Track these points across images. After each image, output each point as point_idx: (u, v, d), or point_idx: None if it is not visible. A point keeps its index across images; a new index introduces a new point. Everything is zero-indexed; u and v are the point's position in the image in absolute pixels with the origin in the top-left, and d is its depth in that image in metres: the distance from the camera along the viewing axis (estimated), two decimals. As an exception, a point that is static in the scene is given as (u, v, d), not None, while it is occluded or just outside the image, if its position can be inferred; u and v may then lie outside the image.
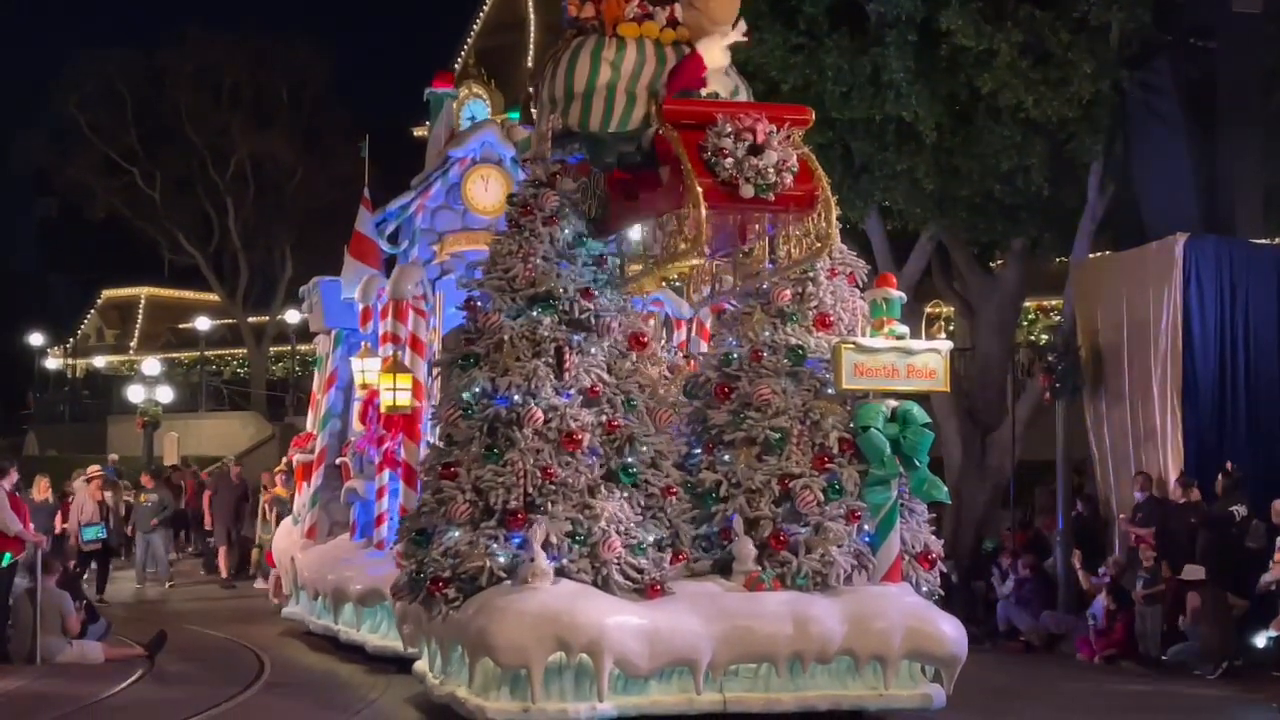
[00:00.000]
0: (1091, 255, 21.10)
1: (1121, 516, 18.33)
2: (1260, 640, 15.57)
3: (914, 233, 21.74)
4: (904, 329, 11.85)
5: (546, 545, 10.87)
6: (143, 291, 60.86)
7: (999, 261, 23.16)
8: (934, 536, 12.19)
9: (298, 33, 50.65)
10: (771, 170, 10.68)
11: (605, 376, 11.66)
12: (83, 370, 60.61)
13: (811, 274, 12.30)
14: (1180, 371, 18.05)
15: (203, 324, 50.40)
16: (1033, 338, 32.10)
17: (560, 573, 10.93)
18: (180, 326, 57.90)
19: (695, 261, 12.68)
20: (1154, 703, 14.41)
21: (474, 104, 20.51)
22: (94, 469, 24.61)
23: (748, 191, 10.70)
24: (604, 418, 11.49)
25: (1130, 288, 18.96)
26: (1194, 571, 16.17)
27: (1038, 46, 18.88)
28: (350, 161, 46.86)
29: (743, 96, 12.24)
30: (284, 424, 43.13)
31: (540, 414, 11.23)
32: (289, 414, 45.45)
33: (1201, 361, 18.14)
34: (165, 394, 40.26)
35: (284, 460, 23.42)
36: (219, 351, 56.17)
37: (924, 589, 11.92)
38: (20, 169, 56.02)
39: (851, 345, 11.70)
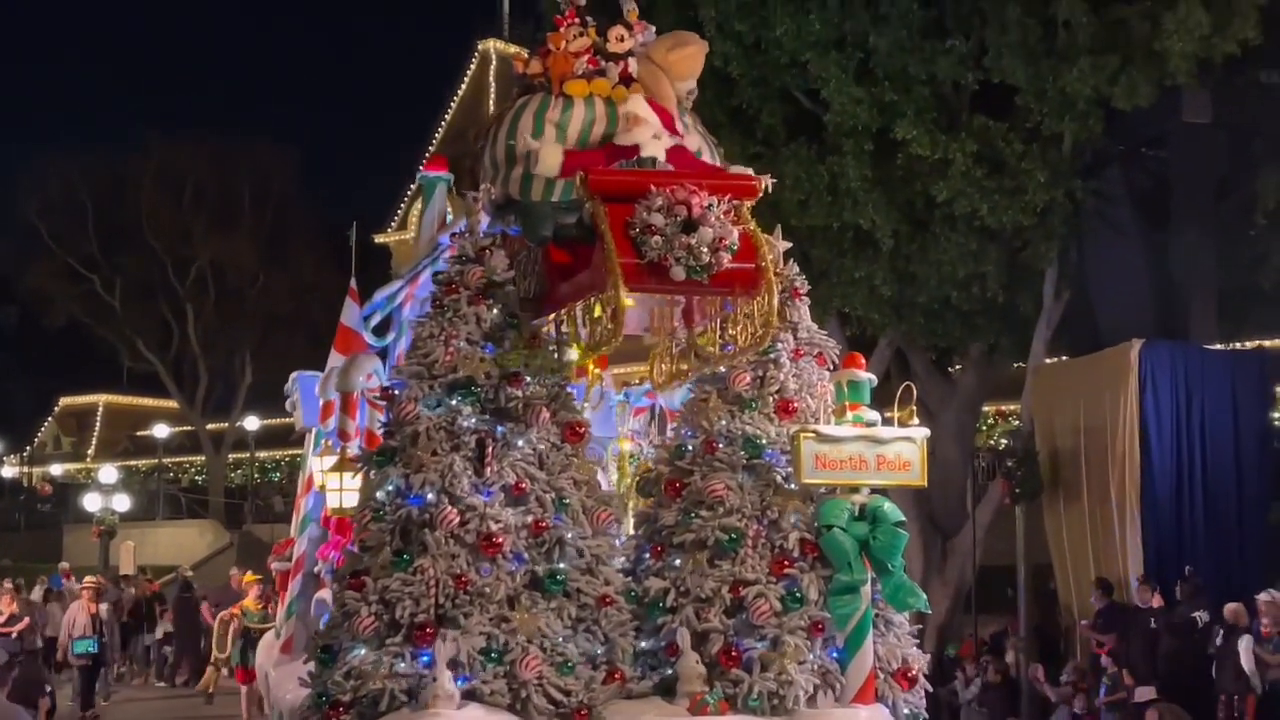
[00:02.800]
0: (1048, 360, 21.30)
1: (1083, 623, 18.32)
2: None
3: (872, 338, 21.91)
4: (874, 415, 10.40)
5: (456, 664, 9.60)
6: (101, 399, 60.58)
7: (957, 366, 23.34)
8: (917, 650, 10.74)
9: (260, 137, 51.05)
10: (705, 250, 9.48)
11: (533, 471, 10.30)
12: (39, 478, 60.02)
13: (773, 355, 10.86)
14: (1138, 475, 18.15)
15: (161, 431, 50.13)
16: (992, 442, 32.27)
17: (471, 695, 9.63)
18: (138, 433, 57.57)
19: (650, 341, 11.60)
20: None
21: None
22: (89, 580, 23.83)
23: (678, 274, 9.49)
24: (530, 518, 10.15)
25: (1087, 392, 19.11)
26: (1145, 693, 16.14)
27: (992, 156, 19.17)
28: (312, 267, 47.24)
29: (705, 157, 11.31)
30: (242, 531, 42.77)
31: (455, 515, 9.96)
32: (247, 521, 45.08)
33: (1159, 465, 18.25)
34: (122, 502, 39.92)
35: (269, 566, 22.90)
36: (177, 459, 55.82)
37: (904, 711, 10.48)
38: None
39: (812, 434, 10.22)
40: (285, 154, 51.24)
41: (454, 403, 10.37)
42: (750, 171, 10.83)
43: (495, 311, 10.66)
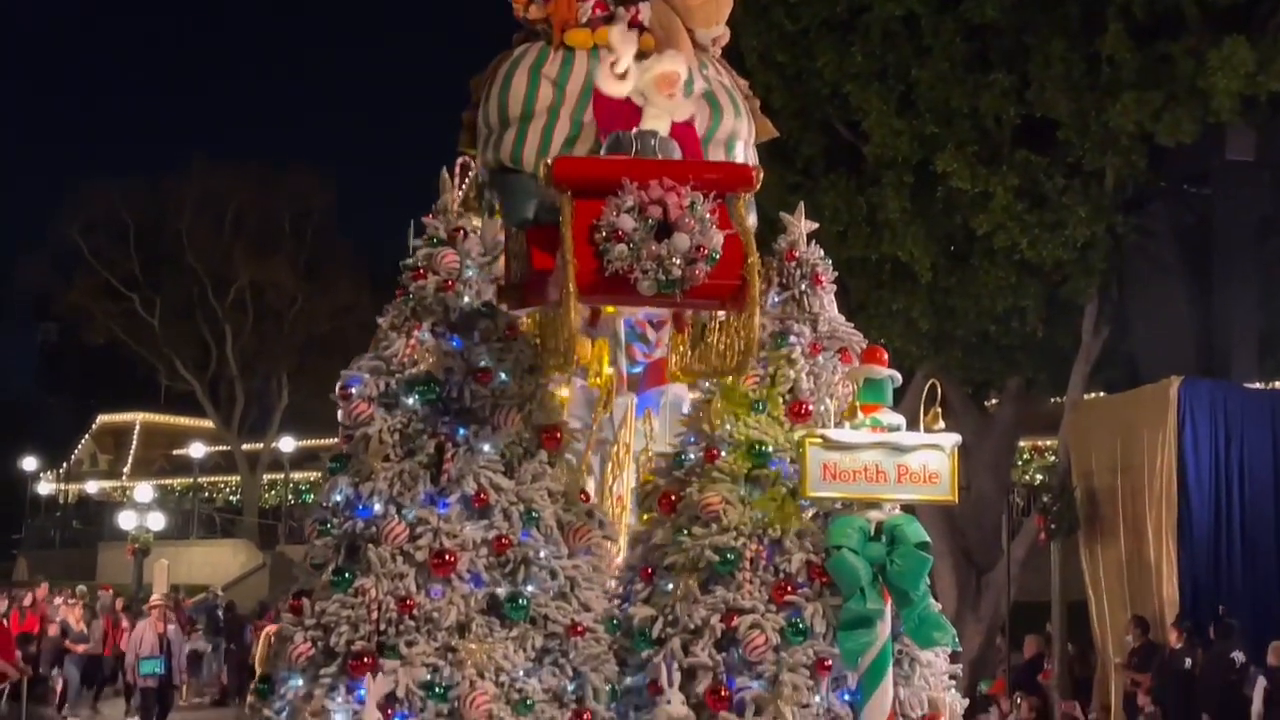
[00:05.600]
0: (1086, 396, 21.18)
1: (1118, 661, 18.17)
2: None
3: (909, 371, 21.83)
4: (896, 419, 8.74)
5: (394, 700, 8.33)
6: (138, 417, 60.87)
7: (994, 401, 23.22)
8: (952, 693, 9.18)
9: (300, 162, 51.40)
10: (678, 261, 8.11)
11: (499, 481, 8.95)
12: (75, 495, 60.36)
13: (786, 350, 9.48)
14: (1175, 514, 18.01)
15: (197, 450, 50.34)
16: (1028, 477, 32.11)
17: None
18: (174, 452, 57.82)
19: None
20: None
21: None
22: (156, 598, 23.20)
23: (646, 287, 8.18)
24: (493, 534, 8.83)
25: (1125, 429, 18.98)
26: None
27: (1033, 190, 19.12)
28: (350, 289, 47.45)
29: (729, 117, 10.01)
30: (275, 552, 42.83)
31: (402, 529, 8.71)
32: (280, 542, 45.18)
33: (1197, 504, 18.11)
34: (157, 520, 40.03)
35: None
36: (212, 478, 56.04)
37: None
38: (21, 294, 56.50)
39: (819, 440, 8.47)
40: (324, 177, 51.58)
41: (410, 402, 9.07)
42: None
43: (466, 300, 9.38)
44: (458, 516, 8.81)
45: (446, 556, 8.60)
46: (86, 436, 63.26)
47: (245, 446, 51.81)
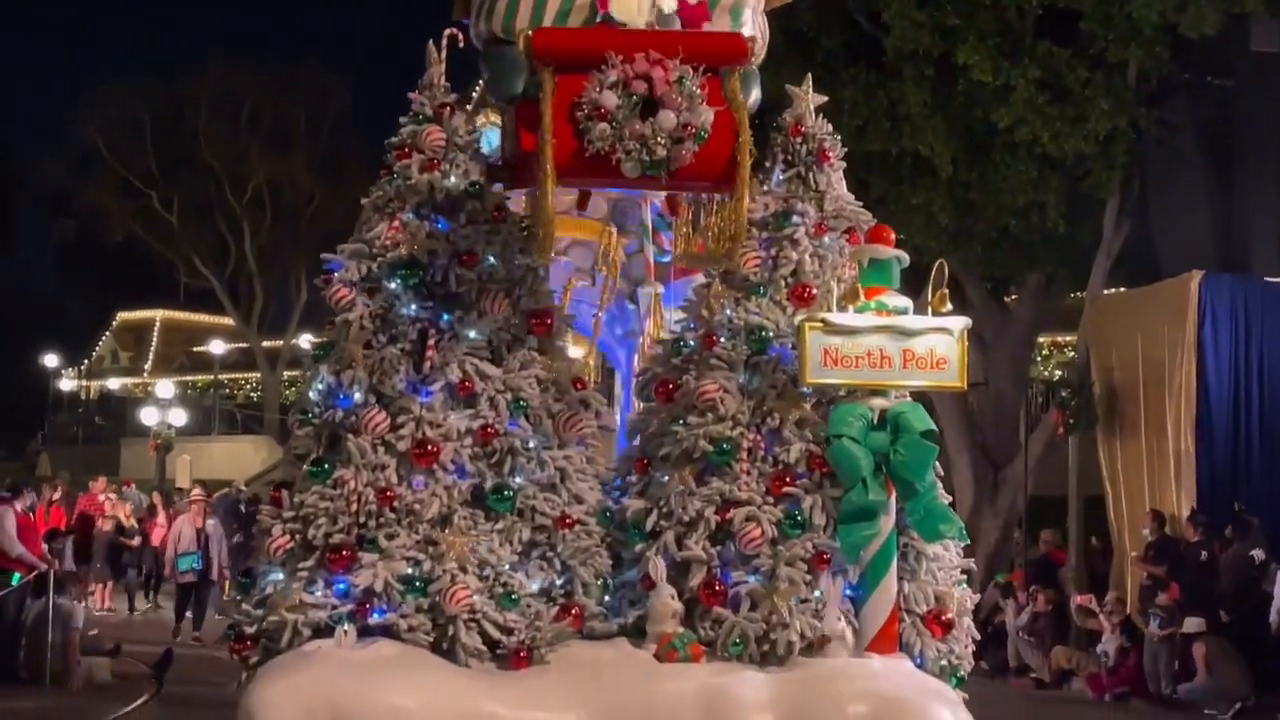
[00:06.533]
0: (1106, 291, 21.13)
1: (1134, 555, 18.28)
2: None
3: (928, 267, 21.74)
4: (903, 302, 8.32)
5: (372, 594, 8.04)
6: (158, 314, 61.09)
7: (1013, 297, 23.17)
8: (962, 589, 8.72)
9: (317, 60, 51.08)
10: (663, 141, 7.76)
11: (486, 368, 8.57)
12: (96, 392, 60.75)
13: (789, 230, 8.96)
14: (1194, 409, 18.02)
15: (217, 347, 50.56)
16: (1046, 373, 32.11)
17: (388, 632, 8.04)
18: (194, 350, 58.10)
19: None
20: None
21: (490, 131, 20.31)
22: (196, 493, 22.83)
23: (630, 169, 7.83)
24: (478, 423, 8.47)
25: (1145, 324, 18.94)
26: (1194, 624, 16.09)
27: (1055, 83, 18.93)
28: (366, 187, 47.32)
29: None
30: (296, 448, 43.06)
31: (383, 418, 8.37)
32: (301, 438, 45.44)
33: (1216, 399, 18.12)
34: (179, 417, 40.41)
35: None
36: (232, 375, 56.30)
37: (943, 662, 8.46)
38: (40, 192, 56.54)
39: (819, 324, 8.07)
40: (340, 75, 51.35)
41: (392, 286, 8.74)
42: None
43: (452, 180, 8.96)
44: (441, 405, 8.48)
45: (429, 447, 8.31)
46: (107, 334, 63.54)
47: (265, 343, 51.99)
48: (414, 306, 8.68)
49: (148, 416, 40.23)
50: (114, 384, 60.15)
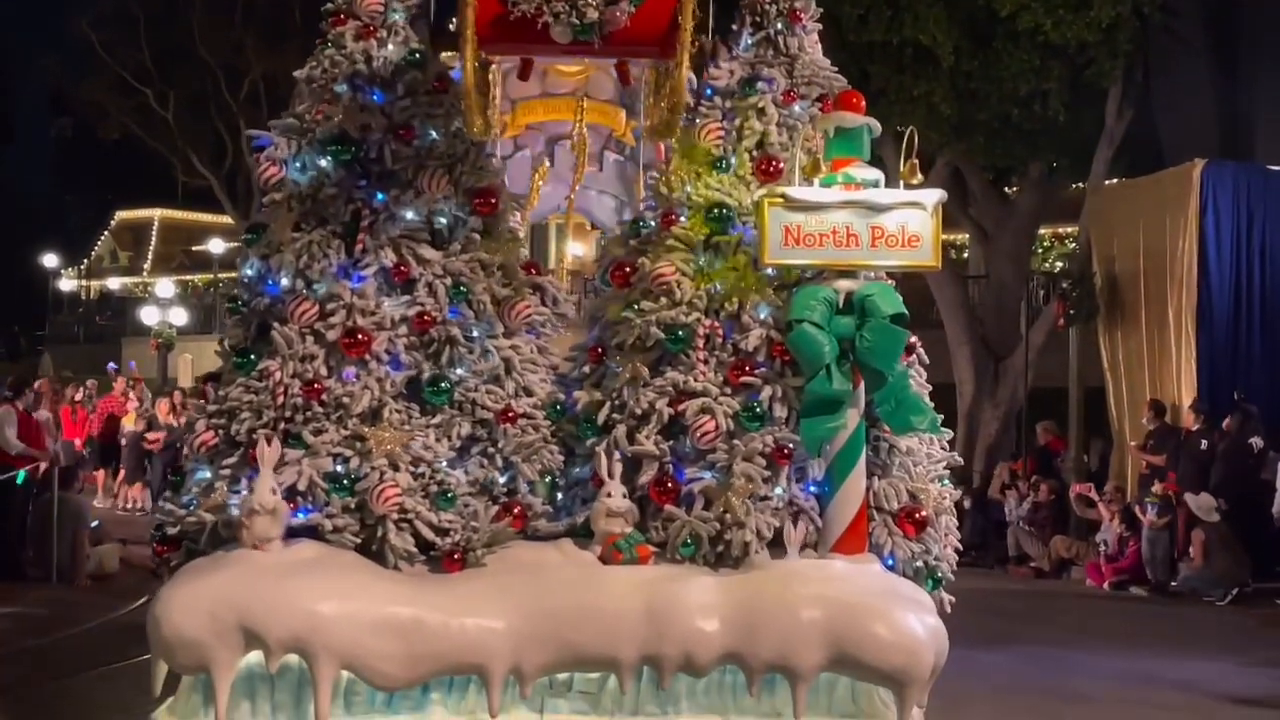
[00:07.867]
0: (1108, 181, 21.02)
1: (1133, 444, 18.34)
2: None
3: (930, 158, 21.66)
4: (873, 174, 7.57)
5: (295, 493, 7.45)
6: (156, 213, 60.85)
7: (1015, 188, 23.07)
8: (943, 485, 8.13)
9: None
10: (594, 2, 7.17)
11: (424, 252, 7.97)
12: (96, 292, 60.72)
13: (755, 98, 8.23)
14: (1195, 298, 17.99)
15: (216, 246, 50.41)
16: (1048, 265, 32.06)
17: (313, 533, 7.48)
18: (193, 249, 57.94)
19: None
20: (1163, 628, 14.35)
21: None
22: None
23: (560, 34, 7.26)
24: (415, 310, 7.90)
25: (1147, 214, 18.86)
26: (1206, 509, 16.12)
27: (1058, -32, 18.69)
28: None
29: None
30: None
31: (312, 306, 7.77)
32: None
33: (1217, 288, 18.09)
34: (179, 316, 40.36)
35: None
36: (232, 274, 56.11)
37: (918, 564, 7.87)
38: (36, 89, 56.21)
39: (780, 199, 7.39)
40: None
41: (323, 164, 8.09)
42: None
43: (390, 49, 8.33)
44: (375, 291, 7.91)
45: (360, 336, 7.73)
46: (105, 233, 63.34)
47: (264, 242, 51.91)
48: (346, 185, 8.07)
49: (148, 316, 40.18)
50: (114, 283, 60.07)
